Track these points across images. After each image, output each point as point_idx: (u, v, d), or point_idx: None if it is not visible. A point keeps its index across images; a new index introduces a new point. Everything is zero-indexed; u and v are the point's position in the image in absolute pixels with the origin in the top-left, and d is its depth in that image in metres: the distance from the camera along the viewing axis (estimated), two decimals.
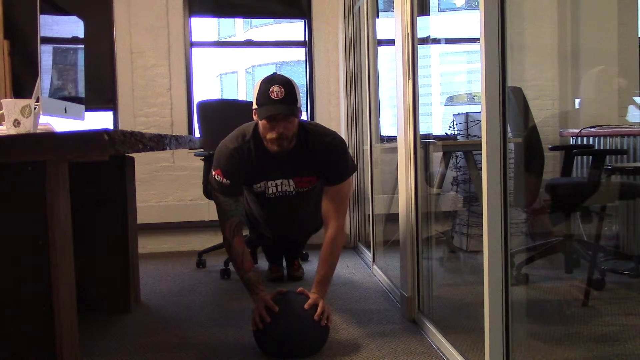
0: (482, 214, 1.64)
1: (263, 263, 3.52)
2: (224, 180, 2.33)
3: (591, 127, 3.69)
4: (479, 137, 1.64)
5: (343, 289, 3.04)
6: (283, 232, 2.98)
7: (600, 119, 3.81)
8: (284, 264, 3.37)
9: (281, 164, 2.41)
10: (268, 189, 2.51)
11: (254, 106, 2.28)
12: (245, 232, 2.95)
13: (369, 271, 3.45)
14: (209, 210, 4.13)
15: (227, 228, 2.35)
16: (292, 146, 2.33)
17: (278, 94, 2.19)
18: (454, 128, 3.90)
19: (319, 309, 2.16)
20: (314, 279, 2.33)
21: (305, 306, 2.16)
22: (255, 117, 2.32)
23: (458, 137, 3.86)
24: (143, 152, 1.87)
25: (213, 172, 2.37)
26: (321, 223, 2.68)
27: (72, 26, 2.28)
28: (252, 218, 2.94)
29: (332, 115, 4.44)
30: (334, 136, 2.41)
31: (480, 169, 1.68)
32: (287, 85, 2.23)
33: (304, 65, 4.56)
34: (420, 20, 2.46)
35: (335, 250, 2.36)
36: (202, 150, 3.54)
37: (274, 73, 2.31)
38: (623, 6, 4.16)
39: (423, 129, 2.53)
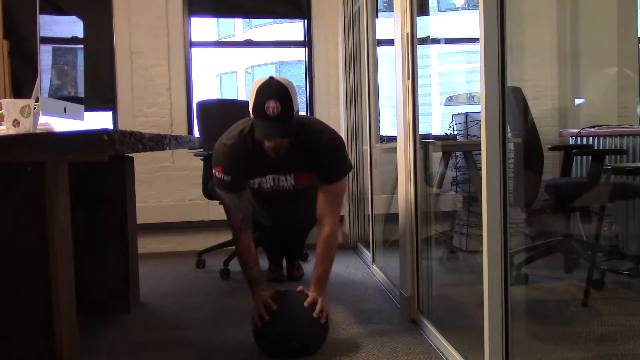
0: (481, 214, 1.64)
1: (263, 263, 3.51)
2: (225, 177, 2.34)
3: (591, 127, 3.69)
4: (479, 137, 1.64)
5: (343, 289, 3.04)
6: (280, 226, 3.00)
7: (600, 119, 3.82)
8: (284, 264, 3.37)
9: (279, 159, 2.41)
10: (266, 183, 2.53)
11: (250, 109, 2.26)
12: None
13: (369, 271, 3.45)
14: (208, 210, 4.13)
15: (233, 224, 2.37)
16: (288, 147, 2.34)
17: (274, 110, 2.13)
18: (453, 128, 3.90)
19: (317, 307, 2.16)
20: (312, 278, 2.33)
21: (305, 304, 2.16)
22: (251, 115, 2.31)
23: (457, 137, 3.86)
24: (142, 152, 1.87)
25: (214, 170, 2.37)
26: (314, 217, 2.68)
27: (71, 26, 2.28)
28: (253, 211, 2.94)
29: (332, 115, 4.44)
30: (331, 135, 2.40)
31: (480, 169, 1.68)
32: (283, 96, 2.16)
33: (304, 65, 4.56)
34: (420, 20, 2.46)
35: (331, 249, 2.36)
36: (201, 150, 3.54)
37: (270, 78, 2.23)
38: (622, 6, 4.16)
39: (422, 129, 2.53)
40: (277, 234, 3.17)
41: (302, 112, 4.63)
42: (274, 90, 2.17)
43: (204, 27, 5.22)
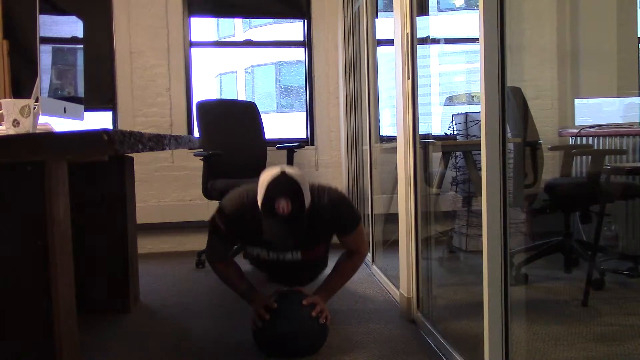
0: (481, 214, 1.64)
1: None
2: (222, 225, 2.24)
3: (590, 127, 3.69)
4: (478, 137, 1.64)
5: (342, 289, 3.03)
6: (284, 284, 2.92)
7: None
8: None
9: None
10: (269, 255, 2.36)
11: (259, 203, 2.07)
12: None
13: (369, 271, 3.45)
14: (208, 210, 4.12)
15: (209, 258, 2.40)
16: None
17: (284, 210, 1.98)
18: (453, 128, 3.90)
19: (317, 307, 2.16)
20: (322, 285, 2.34)
21: (304, 302, 2.16)
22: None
23: (457, 137, 3.86)
24: (142, 152, 1.87)
25: (216, 211, 2.27)
26: (325, 267, 2.62)
27: (71, 26, 2.27)
28: (252, 263, 2.82)
29: (332, 115, 4.44)
30: (330, 195, 2.24)
31: (480, 169, 1.68)
32: (295, 195, 2.01)
33: (304, 65, 4.56)
34: (420, 20, 2.46)
35: (352, 270, 2.39)
36: (201, 150, 3.54)
37: (282, 173, 2.05)
38: (622, 6, 4.16)
39: (422, 129, 2.53)
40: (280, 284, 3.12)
41: (302, 115, 4.63)
42: (285, 188, 2.01)
43: (203, 27, 5.21)
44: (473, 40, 1.65)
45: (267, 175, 2.07)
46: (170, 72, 4.25)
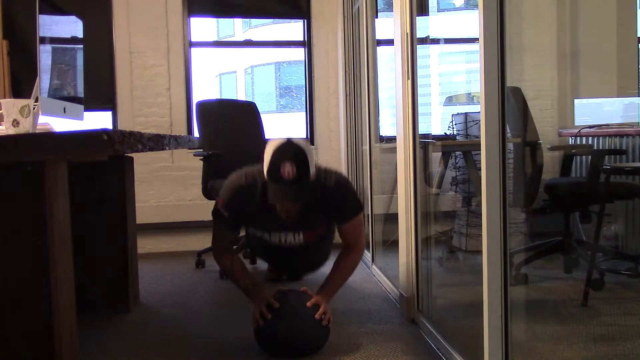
0: (481, 214, 1.64)
1: (263, 262, 3.52)
2: (224, 212, 2.29)
3: (590, 127, 3.70)
4: (478, 137, 1.64)
5: (342, 289, 3.01)
6: (287, 272, 2.94)
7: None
8: None
9: (289, 220, 2.32)
10: (271, 237, 2.45)
11: (265, 170, 2.14)
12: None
13: (369, 271, 3.45)
14: (208, 210, 4.09)
15: (213, 250, 2.40)
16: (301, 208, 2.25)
17: (289, 173, 2.03)
18: (453, 128, 3.90)
19: (321, 309, 2.16)
20: (322, 285, 2.34)
21: (308, 304, 2.17)
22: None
23: (457, 137, 3.86)
24: (142, 152, 1.87)
25: (218, 198, 2.32)
26: (327, 258, 2.68)
27: (71, 26, 2.27)
28: (256, 250, 2.84)
29: (332, 115, 4.44)
30: (336, 178, 2.30)
31: (480, 169, 1.68)
32: (300, 160, 2.07)
33: (303, 65, 4.56)
34: (420, 20, 2.46)
35: (352, 267, 2.40)
36: (201, 150, 3.54)
37: (287, 139, 2.13)
38: (622, 6, 4.17)
39: (422, 129, 2.53)
40: (283, 272, 3.15)
41: (302, 116, 4.63)
42: (291, 152, 2.08)
43: (203, 27, 5.21)
44: (473, 40, 1.65)
45: (272, 143, 2.13)
46: (170, 72, 4.25)
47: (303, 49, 4.53)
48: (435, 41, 3.89)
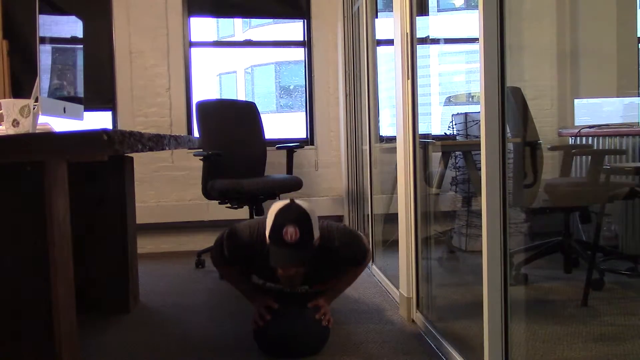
0: (481, 214, 1.64)
1: None
2: (226, 252, 2.23)
3: (590, 127, 3.69)
4: (478, 137, 1.64)
5: None
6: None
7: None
8: None
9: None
10: (273, 286, 2.31)
11: (267, 233, 2.06)
12: None
13: (368, 271, 3.45)
14: (208, 211, 4.13)
15: (214, 261, 2.38)
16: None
17: (292, 236, 1.96)
18: (453, 128, 3.90)
19: (321, 309, 2.16)
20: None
21: (309, 305, 2.16)
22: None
23: (457, 137, 3.86)
24: (142, 152, 1.87)
25: (222, 240, 2.24)
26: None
27: (71, 26, 2.27)
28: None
29: (332, 115, 4.44)
30: (339, 235, 2.22)
31: (480, 169, 1.68)
32: (303, 223, 2.00)
33: (303, 65, 4.56)
34: (419, 20, 2.46)
35: (355, 275, 2.40)
36: (201, 150, 3.54)
37: (291, 201, 2.07)
38: (622, 6, 4.17)
39: (422, 129, 2.53)
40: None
41: (302, 117, 4.63)
42: (294, 214, 2.01)
43: (203, 27, 5.21)
44: (473, 40, 1.65)
45: (276, 205, 2.06)
46: (170, 72, 4.25)
47: (303, 49, 4.53)
48: (435, 41, 3.89)
